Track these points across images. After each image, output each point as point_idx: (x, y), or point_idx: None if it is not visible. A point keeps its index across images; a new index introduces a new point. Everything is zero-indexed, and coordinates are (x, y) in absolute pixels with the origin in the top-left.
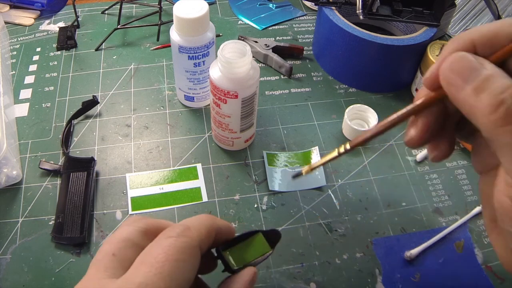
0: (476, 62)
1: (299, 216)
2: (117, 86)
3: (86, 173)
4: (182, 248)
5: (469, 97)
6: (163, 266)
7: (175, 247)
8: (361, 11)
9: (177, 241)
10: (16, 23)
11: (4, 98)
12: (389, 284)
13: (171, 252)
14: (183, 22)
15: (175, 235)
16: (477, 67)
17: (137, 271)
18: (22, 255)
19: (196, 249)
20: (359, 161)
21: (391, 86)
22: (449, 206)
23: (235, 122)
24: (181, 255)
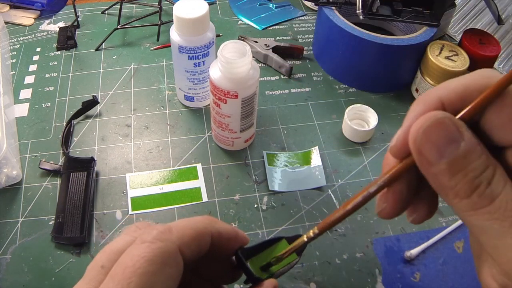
0: (454, 130)
1: (299, 216)
2: (117, 86)
3: (86, 173)
4: (155, 257)
5: (442, 175)
6: (130, 283)
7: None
8: (361, 11)
9: (150, 247)
10: (16, 23)
11: (4, 98)
12: (389, 284)
13: (140, 263)
14: (183, 22)
15: (150, 240)
16: (456, 138)
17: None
18: (22, 255)
19: (173, 255)
20: (359, 161)
21: (391, 86)
22: (449, 206)
23: (235, 122)
24: (151, 267)
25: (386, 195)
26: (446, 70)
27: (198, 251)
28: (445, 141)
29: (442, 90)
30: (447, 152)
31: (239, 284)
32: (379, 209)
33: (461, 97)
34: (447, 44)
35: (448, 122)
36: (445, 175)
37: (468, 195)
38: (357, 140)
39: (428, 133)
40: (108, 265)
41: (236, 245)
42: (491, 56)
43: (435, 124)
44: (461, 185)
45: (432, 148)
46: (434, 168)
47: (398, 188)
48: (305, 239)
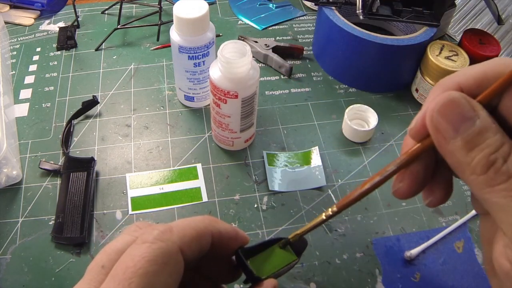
0: (469, 108)
1: (299, 216)
2: (117, 86)
3: (86, 173)
4: (155, 257)
5: (458, 151)
6: (131, 283)
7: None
8: (361, 11)
9: (150, 247)
10: (16, 23)
11: (4, 98)
12: (389, 284)
13: (141, 263)
14: (183, 22)
15: (151, 240)
16: (470, 116)
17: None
18: (22, 255)
19: (174, 255)
20: (359, 161)
21: (391, 86)
22: (449, 206)
23: (235, 122)
24: (152, 267)
25: (403, 174)
26: (446, 70)
27: (199, 251)
28: (460, 118)
29: (461, 76)
30: (462, 128)
31: (239, 284)
32: (395, 188)
33: (479, 84)
34: (447, 44)
35: (463, 100)
36: (461, 151)
37: (484, 171)
38: (357, 140)
39: (444, 111)
40: (108, 265)
41: (236, 245)
42: (491, 56)
43: (451, 102)
44: (477, 160)
45: (448, 124)
46: (451, 144)
47: (416, 168)
48: (324, 217)
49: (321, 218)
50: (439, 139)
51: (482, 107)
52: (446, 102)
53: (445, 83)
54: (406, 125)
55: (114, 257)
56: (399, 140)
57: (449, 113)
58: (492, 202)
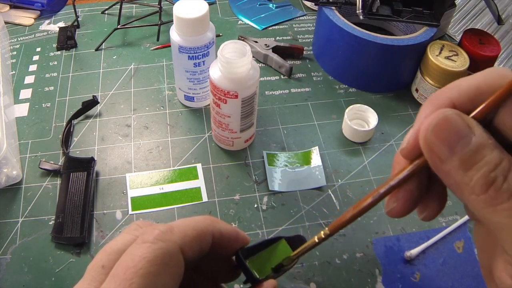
0: (464, 126)
1: (299, 216)
2: (117, 86)
3: (86, 173)
4: (156, 257)
5: (455, 171)
6: (131, 284)
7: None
8: (361, 11)
9: (151, 247)
10: (16, 23)
11: (4, 98)
12: (389, 284)
13: (142, 264)
14: (183, 22)
15: (151, 240)
16: (465, 133)
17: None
18: (22, 255)
19: (175, 255)
20: (359, 161)
21: (391, 86)
22: (449, 206)
23: (235, 122)
24: (152, 267)
25: (396, 194)
26: (446, 70)
27: (199, 251)
28: (455, 137)
29: (453, 91)
30: (458, 148)
31: (238, 284)
32: (389, 208)
33: (472, 98)
34: (447, 44)
35: (457, 118)
36: (458, 172)
37: (484, 191)
38: (357, 140)
39: (438, 130)
40: (109, 265)
41: (236, 245)
42: (491, 56)
43: (444, 121)
44: (475, 180)
45: (443, 144)
46: (447, 165)
47: (409, 187)
48: (316, 240)
49: (313, 241)
50: (434, 159)
51: (477, 123)
52: (440, 121)
53: (436, 99)
54: (406, 125)
55: (114, 257)
56: (399, 140)
57: (443, 133)
58: (494, 223)
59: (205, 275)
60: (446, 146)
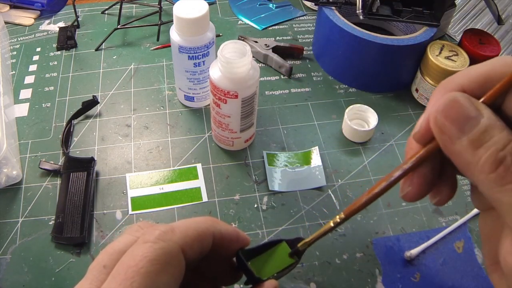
0: (472, 108)
1: (299, 216)
2: (117, 86)
3: (86, 173)
4: (157, 257)
5: (465, 151)
6: (132, 283)
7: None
8: (361, 11)
9: (152, 247)
10: (16, 23)
11: (4, 98)
12: (389, 284)
13: (143, 263)
14: (183, 22)
15: (152, 240)
16: (474, 115)
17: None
18: (22, 255)
19: (176, 255)
20: (359, 161)
21: (391, 86)
22: (449, 206)
23: (235, 122)
24: (153, 267)
25: (410, 178)
26: (446, 70)
27: (200, 251)
28: (464, 118)
29: (463, 78)
30: (467, 128)
31: (239, 284)
32: (404, 192)
33: (481, 84)
34: (447, 44)
35: (466, 100)
36: (467, 151)
37: (493, 169)
38: (357, 140)
39: (447, 112)
40: (110, 264)
41: (237, 246)
42: (491, 56)
43: (453, 103)
44: (485, 159)
45: (452, 125)
46: (457, 145)
47: (423, 171)
48: (332, 224)
49: (329, 225)
50: (444, 140)
51: (486, 106)
52: (449, 103)
53: (447, 85)
54: (406, 125)
55: (116, 256)
56: (399, 140)
57: (453, 114)
58: (503, 203)
59: (205, 276)
60: (456, 126)
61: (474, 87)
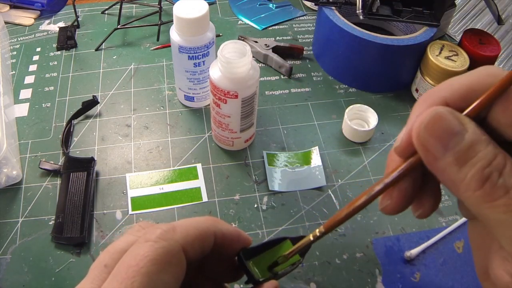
0: (457, 123)
1: (299, 216)
2: (117, 86)
3: (86, 173)
4: (158, 256)
5: (449, 168)
6: (133, 282)
7: (150, 255)
8: (361, 11)
9: (153, 246)
10: (16, 23)
11: (4, 98)
12: (389, 284)
13: (144, 262)
14: (183, 22)
15: (153, 239)
16: (458, 130)
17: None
18: (22, 255)
19: (177, 254)
20: (359, 161)
21: (391, 86)
22: (449, 206)
23: (235, 122)
24: (154, 266)
25: (390, 192)
26: (446, 70)
27: (201, 251)
28: (448, 134)
29: (445, 90)
30: (452, 144)
31: (239, 284)
32: (383, 206)
33: (465, 97)
34: (447, 44)
35: (449, 115)
36: (453, 168)
37: (479, 186)
38: (357, 140)
39: (431, 128)
40: (111, 264)
41: (238, 246)
42: (491, 56)
43: (437, 118)
44: (470, 175)
45: (436, 142)
46: (441, 162)
47: (404, 185)
48: (311, 238)
49: (308, 239)
50: (428, 157)
51: (470, 120)
52: (432, 118)
53: (429, 98)
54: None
55: (117, 256)
56: None
57: (436, 129)
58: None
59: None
60: (440, 143)
61: (457, 100)
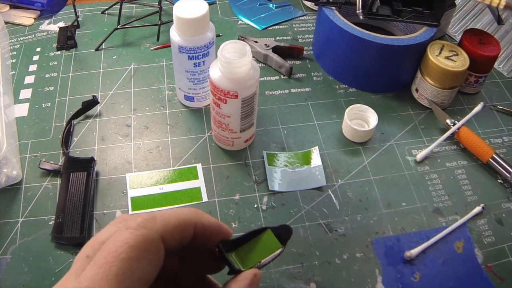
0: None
1: (299, 216)
2: (117, 86)
3: (86, 173)
4: (137, 243)
5: None
6: (111, 267)
7: (129, 242)
8: (361, 11)
9: (133, 233)
10: (16, 23)
11: (4, 98)
12: (389, 284)
13: (123, 249)
14: (183, 22)
15: (134, 226)
16: None
17: (88, 273)
18: (22, 255)
19: (155, 243)
20: (359, 161)
21: (391, 86)
22: (449, 206)
23: (235, 122)
24: (133, 252)
25: None
26: (446, 70)
27: (180, 240)
28: None
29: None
30: None
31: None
32: None
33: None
34: (447, 44)
35: None
36: None
37: None
38: (357, 140)
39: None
40: (93, 254)
41: (219, 238)
42: (491, 56)
43: None
44: None
45: None
46: None
47: None
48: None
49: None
50: None
51: None
52: None
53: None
54: (406, 125)
55: (98, 246)
56: (399, 140)
57: None
58: None
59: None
60: None
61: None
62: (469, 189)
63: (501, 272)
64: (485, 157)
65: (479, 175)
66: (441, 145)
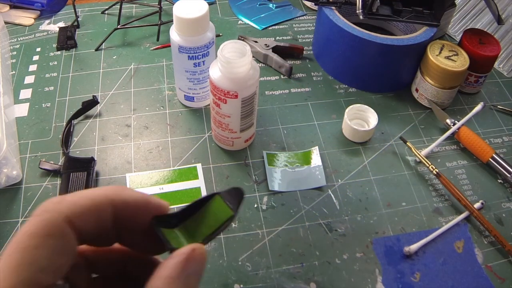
0: None
1: (299, 216)
2: (117, 86)
3: (86, 173)
4: (37, 229)
5: None
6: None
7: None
8: (361, 11)
9: (35, 220)
10: (16, 23)
11: (4, 98)
12: (389, 284)
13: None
14: (183, 22)
15: (38, 212)
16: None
17: None
18: None
19: (59, 226)
20: (359, 161)
21: (391, 86)
22: (449, 206)
23: (235, 122)
24: (32, 240)
25: None
26: (446, 70)
27: (95, 221)
28: None
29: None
30: None
31: (239, 284)
32: None
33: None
34: (447, 44)
35: None
36: None
37: None
38: (357, 140)
39: None
40: None
41: (148, 215)
42: (491, 56)
43: None
44: None
45: None
46: None
47: None
48: None
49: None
50: None
51: None
52: None
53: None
54: (406, 125)
55: None
56: (399, 140)
57: None
58: None
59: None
60: None
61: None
62: (469, 189)
63: (501, 272)
64: (485, 157)
65: (479, 175)
66: (441, 145)
